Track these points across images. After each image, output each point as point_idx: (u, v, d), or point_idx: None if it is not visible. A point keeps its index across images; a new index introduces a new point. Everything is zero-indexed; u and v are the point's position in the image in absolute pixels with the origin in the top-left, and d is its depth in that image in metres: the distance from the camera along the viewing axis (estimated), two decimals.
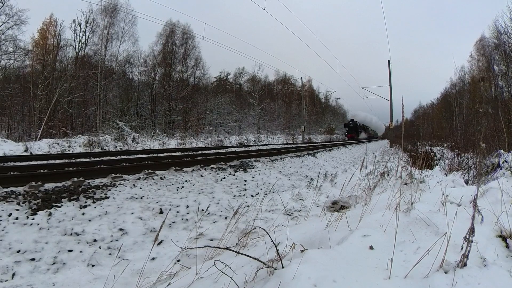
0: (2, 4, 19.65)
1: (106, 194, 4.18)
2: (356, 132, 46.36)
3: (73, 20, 24.80)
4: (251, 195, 5.62)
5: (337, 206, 3.78)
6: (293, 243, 1.89)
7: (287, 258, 1.76)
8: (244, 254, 1.89)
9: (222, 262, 1.81)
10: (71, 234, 3.23)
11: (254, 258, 1.79)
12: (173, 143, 19.68)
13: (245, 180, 6.46)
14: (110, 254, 3.07)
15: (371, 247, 1.79)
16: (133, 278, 2.50)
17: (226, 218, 4.24)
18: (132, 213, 3.88)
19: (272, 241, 1.91)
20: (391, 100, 27.87)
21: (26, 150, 11.74)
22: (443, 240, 1.54)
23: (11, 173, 5.19)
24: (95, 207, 3.80)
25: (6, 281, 2.52)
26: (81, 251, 3.03)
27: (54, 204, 3.65)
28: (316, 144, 23.32)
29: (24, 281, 2.54)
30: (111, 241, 3.28)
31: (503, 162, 5.74)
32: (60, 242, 3.08)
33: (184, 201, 4.56)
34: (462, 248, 1.49)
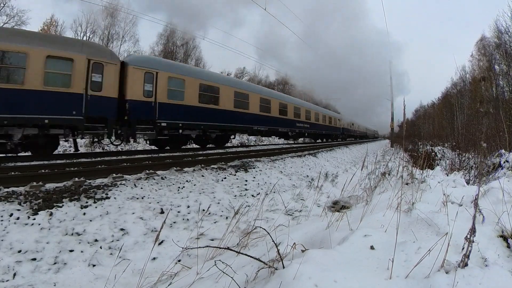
0: (3, 5, 19.71)
1: (107, 194, 4.19)
2: None
3: (74, 20, 24.89)
4: (252, 195, 5.63)
5: (338, 206, 3.77)
6: (294, 243, 1.89)
7: (288, 258, 1.76)
8: (245, 254, 1.89)
9: (223, 262, 1.81)
10: (72, 234, 3.24)
11: (255, 258, 1.79)
12: None
13: (246, 180, 6.46)
14: (111, 254, 3.07)
15: (372, 247, 1.79)
16: (134, 278, 2.51)
17: (227, 218, 4.25)
18: (133, 213, 3.88)
19: (273, 241, 1.91)
20: (392, 100, 27.84)
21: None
22: (444, 240, 1.54)
23: (12, 173, 5.20)
24: (96, 207, 3.81)
25: (7, 281, 2.53)
26: (82, 251, 3.03)
27: (55, 204, 3.66)
28: (317, 144, 23.31)
29: (25, 280, 2.55)
30: (112, 241, 3.29)
31: (504, 162, 5.73)
32: (61, 242, 3.09)
33: (185, 201, 4.57)
34: (463, 248, 1.48)
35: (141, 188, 4.69)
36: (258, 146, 17.98)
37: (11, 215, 3.29)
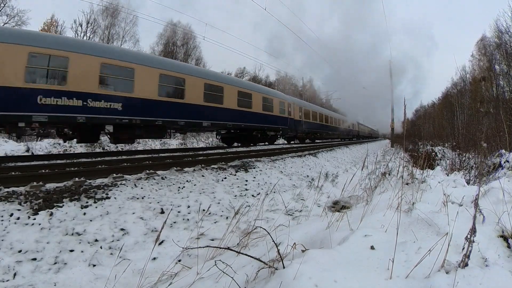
0: (3, 5, 19.74)
1: (107, 194, 4.19)
2: None
3: (74, 20, 24.95)
4: (252, 195, 5.63)
5: (338, 206, 3.77)
6: (294, 243, 1.89)
7: (288, 258, 1.76)
8: (245, 254, 1.89)
9: (223, 262, 1.81)
10: (72, 234, 3.24)
11: (255, 258, 1.79)
12: (174, 143, 19.71)
13: (246, 180, 6.46)
14: (111, 254, 3.08)
15: (372, 247, 1.79)
16: (134, 278, 2.51)
17: (227, 218, 4.24)
18: (133, 213, 3.88)
19: (273, 241, 1.91)
20: (392, 100, 27.86)
21: (27, 150, 11.80)
22: (444, 240, 1.54)
23: (13, 173, 5.20)
24: (96, 207, 3.81)
25: (7, 281, 2.53)
26: (82, 251, 3.04)
27: (55, 204, 3.66)
28: (317, 144, 23.30)
29: (25, 280, 2.55)
30: (112, 241, 3.29)
31: (504, 162, 5.74)
32: (61, 242, 3.09)
33: (185, 201, 4.57)
34: (463, 248, 1.48)
35: (141, 188, 4.69)
36: (258, 146, 17.97)
37: (11, 215, 3.29)
